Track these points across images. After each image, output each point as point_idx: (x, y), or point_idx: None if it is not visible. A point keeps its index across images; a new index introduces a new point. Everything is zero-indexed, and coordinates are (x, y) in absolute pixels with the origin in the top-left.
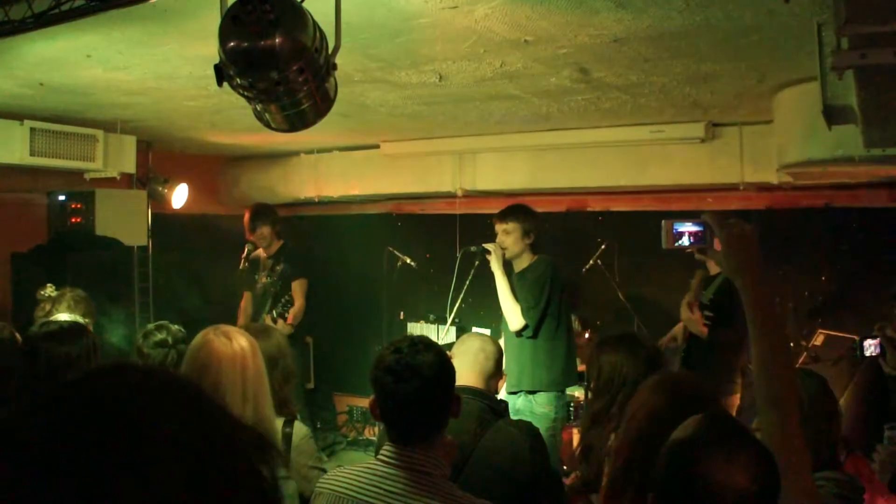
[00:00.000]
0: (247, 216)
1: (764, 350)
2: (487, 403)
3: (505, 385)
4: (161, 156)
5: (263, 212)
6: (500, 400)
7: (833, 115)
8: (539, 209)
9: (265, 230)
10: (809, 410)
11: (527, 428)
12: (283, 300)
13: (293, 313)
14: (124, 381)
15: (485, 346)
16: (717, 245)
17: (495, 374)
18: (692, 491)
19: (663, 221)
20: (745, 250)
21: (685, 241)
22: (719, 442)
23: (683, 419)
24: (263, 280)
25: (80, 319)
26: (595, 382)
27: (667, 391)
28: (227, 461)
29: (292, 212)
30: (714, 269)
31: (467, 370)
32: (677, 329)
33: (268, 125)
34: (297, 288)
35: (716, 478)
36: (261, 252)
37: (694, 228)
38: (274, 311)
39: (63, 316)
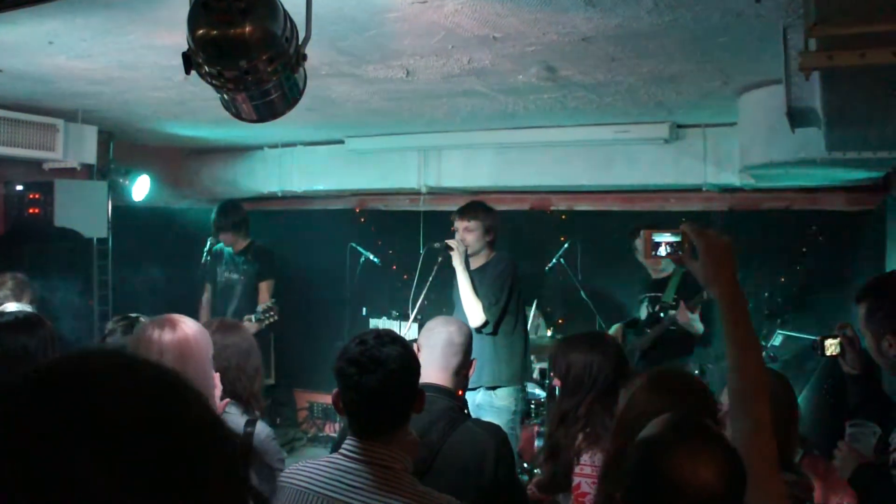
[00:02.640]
0: (213, 215)
1: (740, 357)
2: (455, 402)
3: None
4: (122, 147)
5: (226, 213)
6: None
7: (797, 117)
8: (503, 207)
9: (227, 236)
10: (774, 408)
11: (494, 431)
12: (263, 308)
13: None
14: (89, 366)
15: (452, 340)
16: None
17: (463, 366)
18: (659, 488)
19: (642, 232)
20: (722, 260)
21: (663, 251)
22: (685, 440)
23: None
24: (227, 275)
25: (26, 306)
26: (563, 382)
27: (661, 389)
28: (197, 457)
29: (255, 206)
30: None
31: (434, 367)
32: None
33: (236, 115)
34: (265, 288)
35: (682, 476)
36: (224, 246)
37: (672, 239)
38: (254, 317)
39: (12, 306)
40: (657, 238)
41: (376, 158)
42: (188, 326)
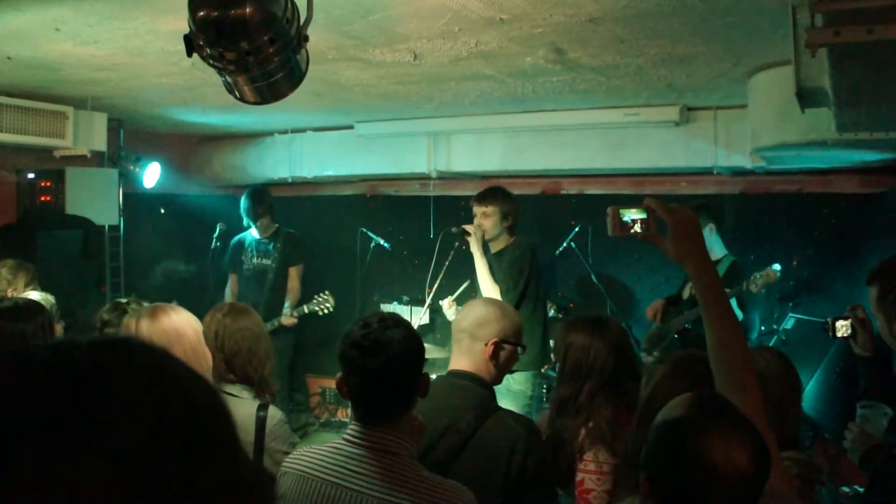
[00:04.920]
0: (246, 202)
1: (720, 332)
2: (488, 392)
3: None
4: (133, 134)
5: (261, 198)
6: None
7: (806, 97)
8: (513, 191)
9: (265, 221)
10: (773, 388)
11: (526, 423)
12: (317, 299)
13: (293, 300)
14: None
15: (473, 332)
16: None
17: (491, 355)
18: (690, 472)
19: (609, 209)
20: (691, 235)
21: (637, 228)
22: (714, 422)
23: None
24: (255, 262)
25: (49, 297)
26: (562, 366)
27: (686, 375)
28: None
29: None
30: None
31: (462, 355)
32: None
33: (238, 98)
34: (294, 273)
35: (715, 458)
36: (250, 233)
37: (638, 216)
38: (306, 307)
39: (35, 295)
40: (623, 215)
41: (386, 143)
42: (170, 317)
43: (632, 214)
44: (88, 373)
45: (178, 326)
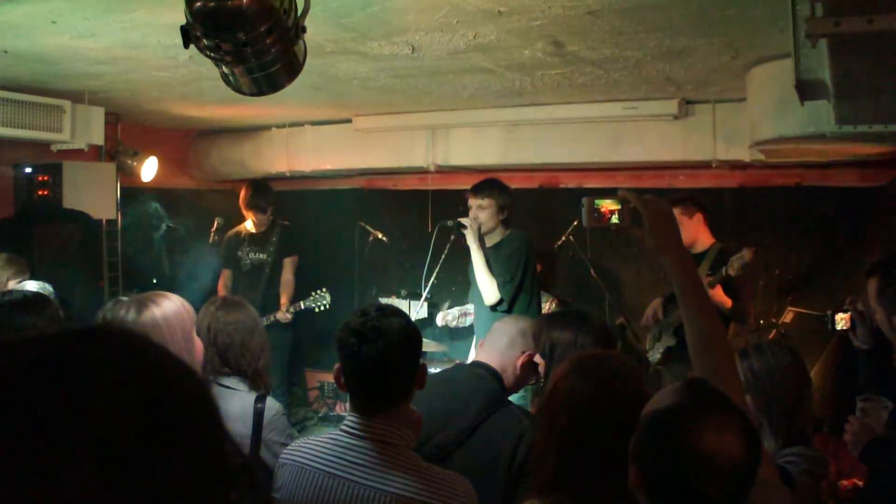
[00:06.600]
0: (246, 194)
1: (699, 323)
2: (500, 386)
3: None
4: (130, 128)
5: (264, 192)
6: None
7: (806, 89)
8: (512, 185)
9: (266, 215)
10: (782, 384)
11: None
12: (313, 295)
13: (288, 294)
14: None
15: (517, 338)
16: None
17: (511, 353)
18: (683, 462)
19: (584, 199)
20: (668, 226)
21: (613, 218)
22: (708, 411)
23: (612, 402)
24: (253, 256)
25: (48, 286)
26: (548, 362)
27: (591, 374)
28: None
29: None
30: (699, 246)
31: (496, 352)
32: (656, 304)
33: (235, 89)
34: (289, 264)
35: (709, 448)
36: (244, 227)
37: (614, 207)
38: (302, 304)
39: (32, 285)
40: (599, 205)
41: (384, 137)
42: (159, 306)
43: (607, 205)
44: (66, 364)
45: (169, 314)
